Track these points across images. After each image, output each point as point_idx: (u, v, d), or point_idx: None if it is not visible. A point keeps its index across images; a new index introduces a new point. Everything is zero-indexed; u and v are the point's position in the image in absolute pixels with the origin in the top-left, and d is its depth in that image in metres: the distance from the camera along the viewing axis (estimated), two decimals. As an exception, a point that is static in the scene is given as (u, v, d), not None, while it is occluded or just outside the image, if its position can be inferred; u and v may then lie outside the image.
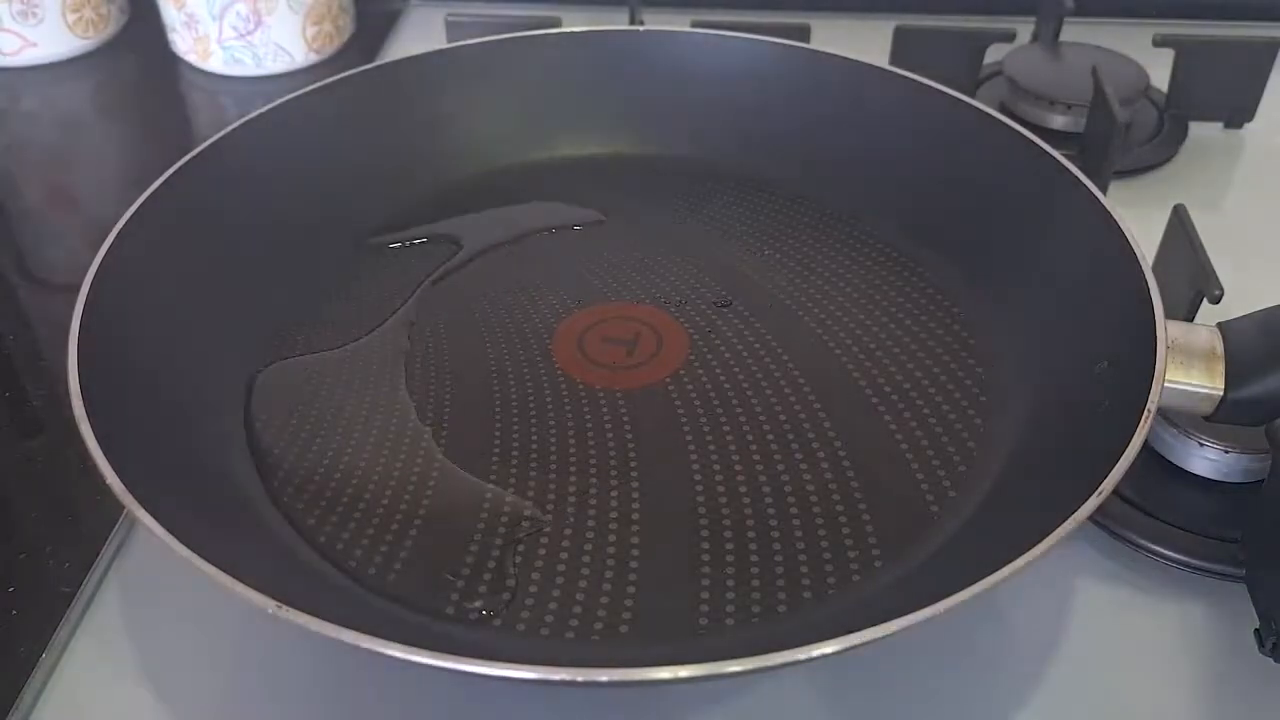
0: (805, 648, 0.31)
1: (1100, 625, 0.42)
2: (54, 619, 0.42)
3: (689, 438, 0.45)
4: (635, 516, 0.42)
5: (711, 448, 0.45)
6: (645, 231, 0.58)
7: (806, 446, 0.45)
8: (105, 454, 0.37)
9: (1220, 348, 0.41)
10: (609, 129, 0.63)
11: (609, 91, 0.63)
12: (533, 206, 0.59)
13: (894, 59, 0.70)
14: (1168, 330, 0.40)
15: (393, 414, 0.47)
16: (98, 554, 0.44)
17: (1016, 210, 0.51)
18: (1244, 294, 0.46)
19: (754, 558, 0.40)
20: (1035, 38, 0.75)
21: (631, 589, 0.40)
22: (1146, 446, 0.42)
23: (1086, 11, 0.74)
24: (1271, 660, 0.39)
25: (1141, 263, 0.43)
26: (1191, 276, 0.47)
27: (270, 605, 0.33)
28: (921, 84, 0.57)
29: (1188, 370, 0.40)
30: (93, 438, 0.38)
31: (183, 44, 0.78)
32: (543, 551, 0.41)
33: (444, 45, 0.63)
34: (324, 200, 0.56)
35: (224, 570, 0.34)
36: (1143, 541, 0.43)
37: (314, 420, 0.47)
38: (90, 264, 0.46)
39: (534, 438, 0.46)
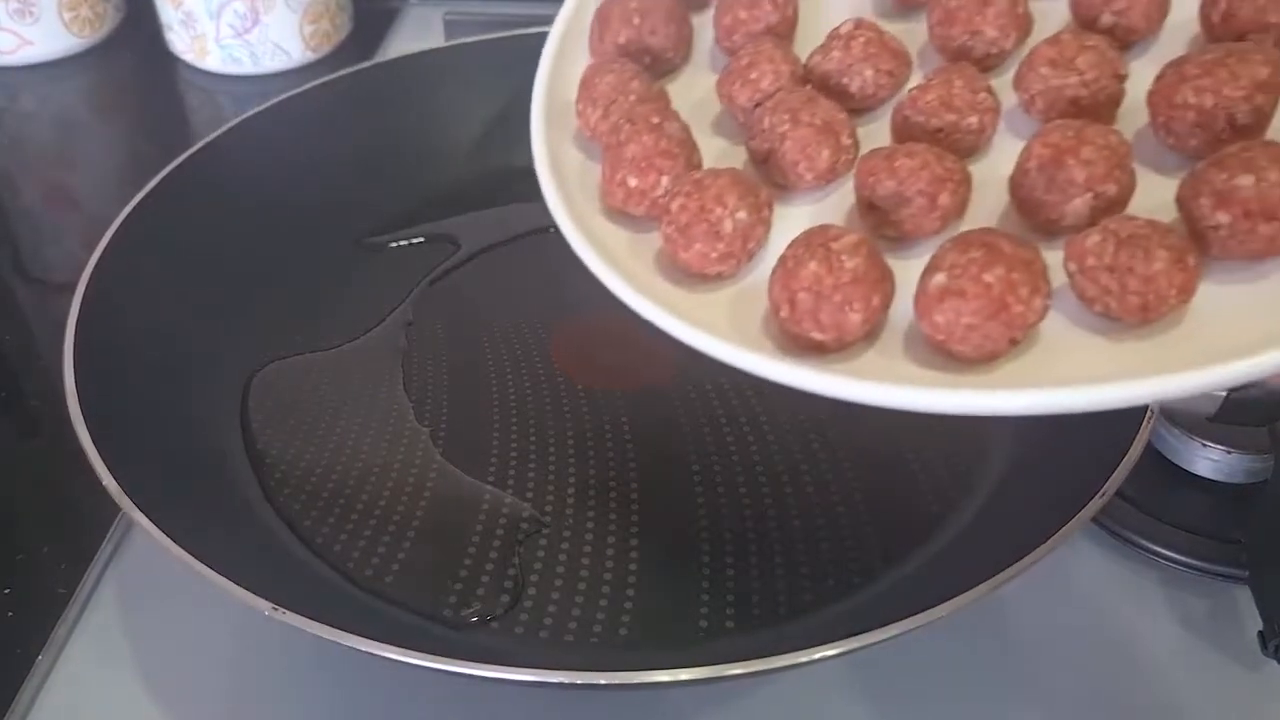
0: (806, 651, 0.31)
1: (1102, 625, 0.42)
2: (51, 620, 0.42)
3: (689, 438, 0.45)
4: (635, 518, 0.42)
5: (712, 449, 0.45)
6: (644, 231, 0.57)
7: (807, 448, 0.44)
8: (101, 454, 0.37)
9: (1223, 348, 0.41)
10: (608, 128, 0.62)
11: (608, 90, 0.62)
12: (531, 206, 0.58)
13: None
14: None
15: (390, 414, 0.47)
16: (94, 555, 0.44)
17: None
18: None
19: (754, 559, 0.40)
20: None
21: (631, 591, 0.39)
22: (1149, 447, 0.42)
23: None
24: (1275, 662, 0.39)
25: (1144, 262, 0.43)
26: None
27: (267, 607, 0.33)
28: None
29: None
30: (89, 438, 0.38)
31: (180, 42, 0.78)
32: (541, 553, 0.41)
33: (442, 43, 0.63)
34: (321, 199, 0.56)
35: (220, 572, 0.34)
36: (1145, 542, 0.43)
37: (311, 421, 0.47)
38: (87, 263, 0.45)
39: (533, 438, 0.45)
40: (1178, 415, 0.45)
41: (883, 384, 0.30)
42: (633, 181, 0.36)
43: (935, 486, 0.43)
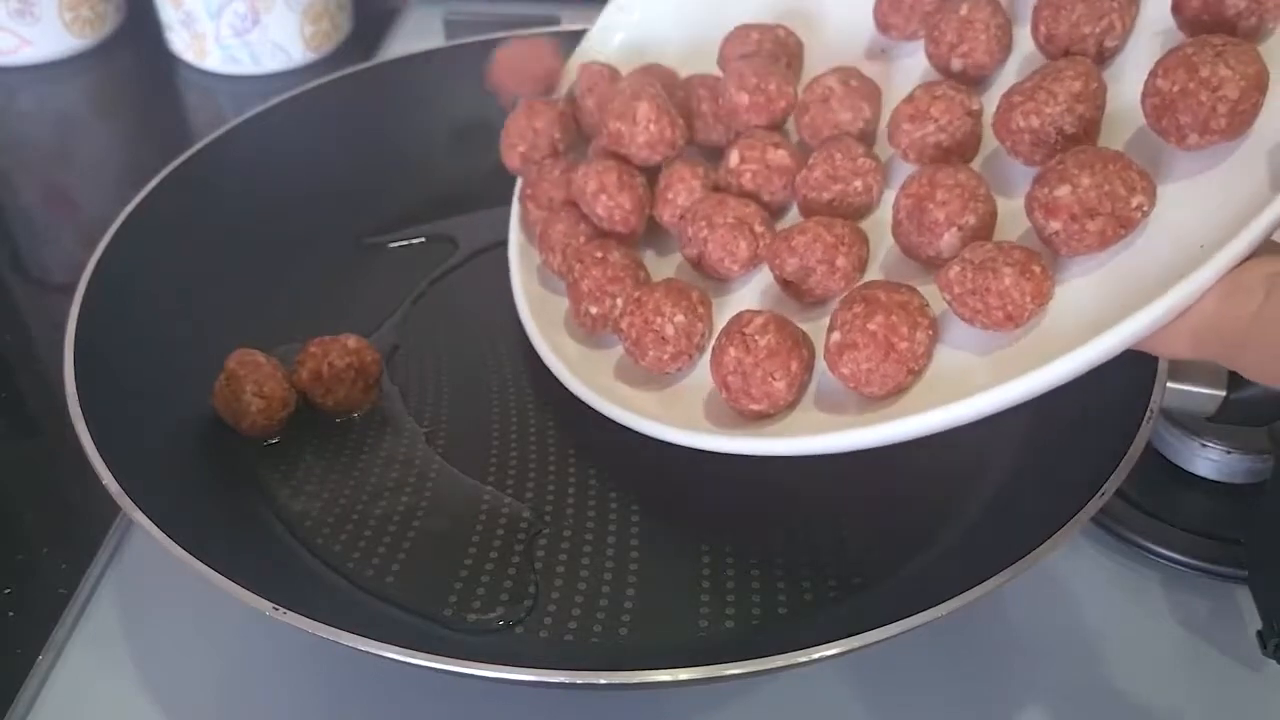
0: (806, 651, 0.31)
1: (1102, 625, 0.42)
2: (51, 620, 0.42)
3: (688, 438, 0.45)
4: (635, 518, 0.42)
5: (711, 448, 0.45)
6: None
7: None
8: (102, 455, 0.37)
9: (1222, 348, 0.41)
10: (608, 128, 0.62)
11: (608, 90, 0.62)
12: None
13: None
14: (1170, 330, 0.40)
15: (390, 415, 0.47)
16: (94, 555, 0.44)
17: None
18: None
19: (754, 560, 0.40)
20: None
21: (631, 591, 0.39)
22: (1149, 447, 0.42)
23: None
24: (1274, 661, 0.39)
25: (1143, 262, 0.43)
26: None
27: (268, 607, 0.33)
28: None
29: (1190, 371, 0.40)
30: (89, 438, 0.38)
31: (180, 43, 0.78)
32: (541, 554, 0.41)
33: (443, 44, 0.63)
34: (321, 199, 0.56)
35: (221, 572, 0.34)
36: (1145, 542, 0.43)
37: (311, 421, 0.46)
38: (86, 263, 0.45)
39: (532, 439, 0.45)
40: (1178, 415, 0.45)
41: (805, 437, 0.35)
42: (593, 310, 0.42)
43: (935, 487, 0.43)
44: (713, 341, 0.38)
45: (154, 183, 0.50)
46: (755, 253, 0.40)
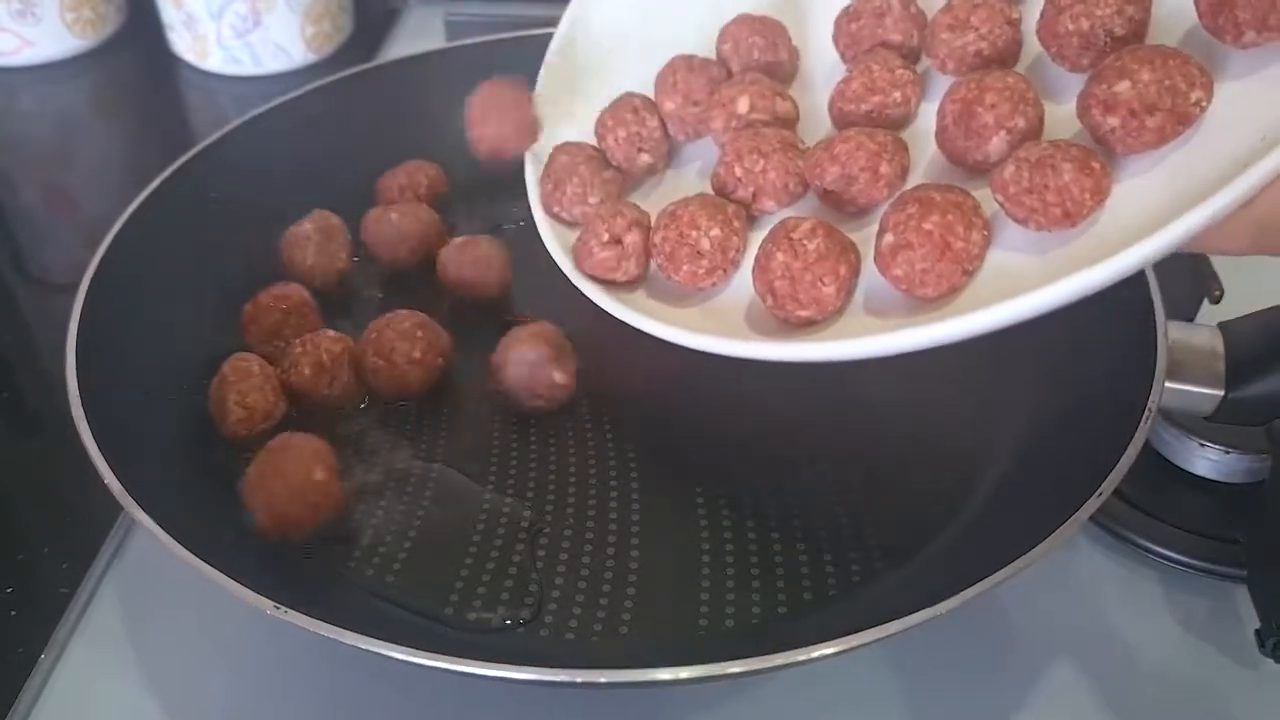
0: (805, 649, 0.31)
1: (1101, 625, 0.42)
2: (53, 619, 0.42)
3: (688, 438, 0.45)
4: (635, 518, 0.42)
5: (711, 449, 0.45)
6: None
7: (807, 448, 0.45)
8: (104, 454, 0.37)
9: (1221, 348, 0.41)
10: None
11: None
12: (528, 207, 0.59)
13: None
14: (1168, 331, 0.40)
15: (390, 416, 0.47)
16: (96, 555, 0.44)
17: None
18: (1244, 294, 0.46)
19: (754, 558, 0.40)
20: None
21: (631, 590, 0.40)
22: (1147, 447, 0.42)
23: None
24: (1271, 660, 0.39)
25: (1142, 263, 0.43)
26: (1192, 276, 0.47)
27: (269, 606, 0.33)
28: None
29: (1188, 371, 0.40)
30: (91, 438, 0.38)
31: (181, 43, 0.78)
32: (542, 553, 0.41)
33: (443, 45, 0.63)
34: (323, 199, 0.56)
35: (223, 571, 0.34)
36: (1143, 542, 0.43)
37: (310, 421, 0.46)
38: (88, 263, 0.46)
39: (533, 439, 0.46)
40: (1176, 415, 0.45)
41: (858, 339, 0.34)
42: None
43: (934, 486, 0.43)
44: (754, 251, 0.37)
45: (155, 183, 0.50)
46: (787, 187, 0.39)
